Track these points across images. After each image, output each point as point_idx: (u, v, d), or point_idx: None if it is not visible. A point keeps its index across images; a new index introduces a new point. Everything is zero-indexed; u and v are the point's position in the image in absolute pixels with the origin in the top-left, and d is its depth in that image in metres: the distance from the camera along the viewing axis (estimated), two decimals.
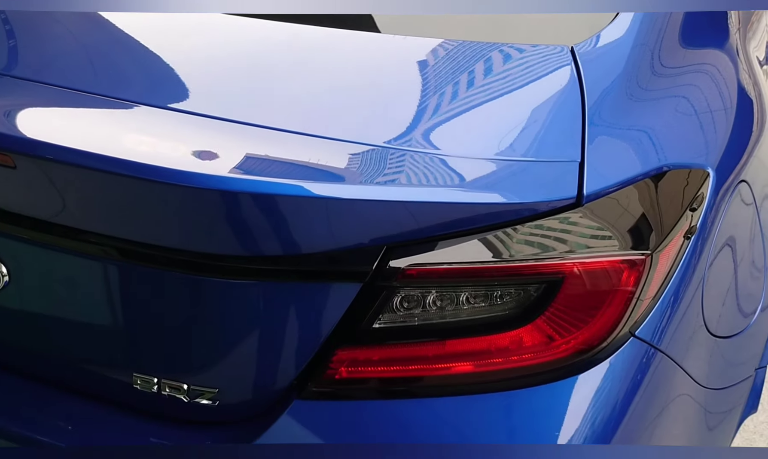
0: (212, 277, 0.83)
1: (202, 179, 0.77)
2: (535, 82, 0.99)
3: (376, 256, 0.82)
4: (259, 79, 1.03)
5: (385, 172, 0.85)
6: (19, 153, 0.78)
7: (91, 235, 0.84)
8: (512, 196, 0.84)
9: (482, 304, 0.86)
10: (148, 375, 0.89)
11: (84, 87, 0.92)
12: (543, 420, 0.89)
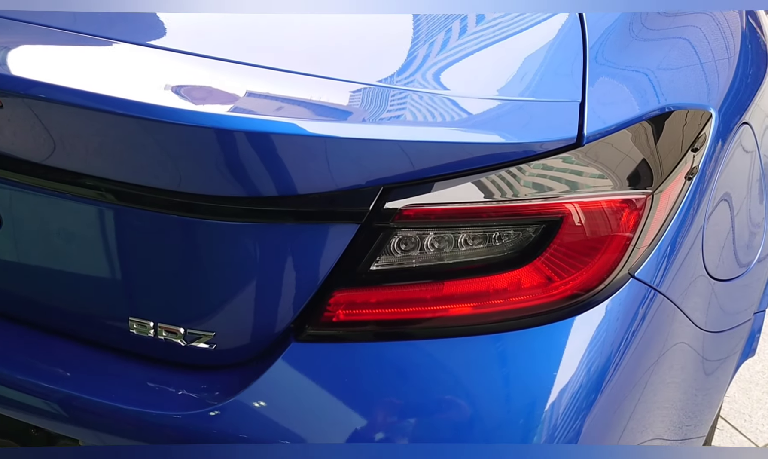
0: (207, 218, 0.82)
1: (196, 117, 0.75)
2: (538, 20, 0.96)
3: (372, 197, 0.80)
4: (256, 19, 1.01)
5: (383, 112, 0.83)
6: (8, 92, 0.75)
7: (84, 177, 0.82)
8: (512, 135, 0.83)
9: (480, 245, 0.85)
10: (144, 319, 0.89)
11: (75, 26, 0.89)
12: (540, 362, 0.89)
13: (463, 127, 0.83)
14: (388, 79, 0.86)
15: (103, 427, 0.91)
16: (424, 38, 0.95)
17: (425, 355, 0.87)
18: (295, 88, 0.85)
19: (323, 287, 0.85)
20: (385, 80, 0.86)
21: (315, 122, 0.79)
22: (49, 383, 0.91)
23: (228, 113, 0.77)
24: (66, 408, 0.91)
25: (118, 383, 0.91)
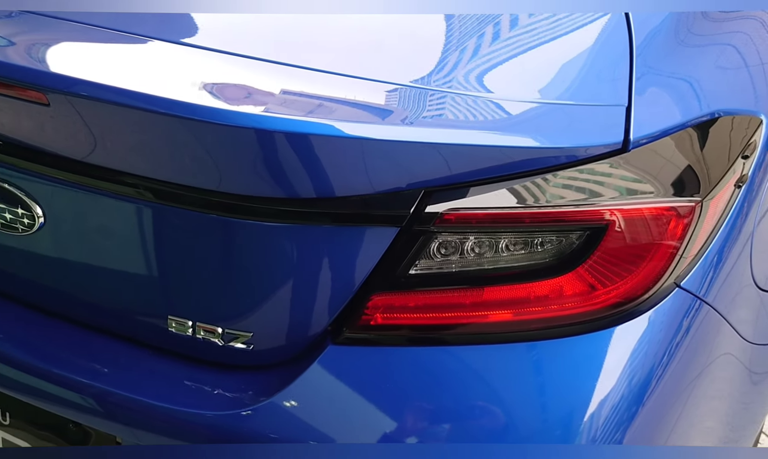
0: (247, 219, 0.81)
1: (237, 117, 0.75)
2: (582, 22, 0.95)
3: (413, 200, 0.79)
4: (295, 19, 1.01)
5: (424, 114, 0.82)
6: (54, 89, 0.76)
7: (125, 175, 0.83)
8: (556, 139, 0.81)
9: (522, 251, 0.84)
10: (182, 318, 0.89)
11: (120, 26, 0.90)
12: (581, 372, 0.87)
13: (506, 131, 0.82)
14: (430, 81, 0.85)
15: (140, 424, 0.92)
16: (463, 39, 0.94)
17: (463, 361, 0.85)
18: (335, 89, 0.85)
19: (361, 290, 0.85)
20: (426, 82, 0.85)
21: (356, 124, 0.78)
22: (88, 379, 0.92)
23: (269, 114, 0.76)
24: (103, 404, 0.92)
25: (156, 381, 0.92)
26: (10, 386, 0.96)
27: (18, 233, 0.92)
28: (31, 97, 0.78)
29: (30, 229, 0.90)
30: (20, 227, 0.91)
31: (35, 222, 0.90)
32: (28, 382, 0.94)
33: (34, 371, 0.94)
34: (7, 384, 0.96)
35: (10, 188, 0.89)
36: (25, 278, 0.99)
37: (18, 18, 0.95)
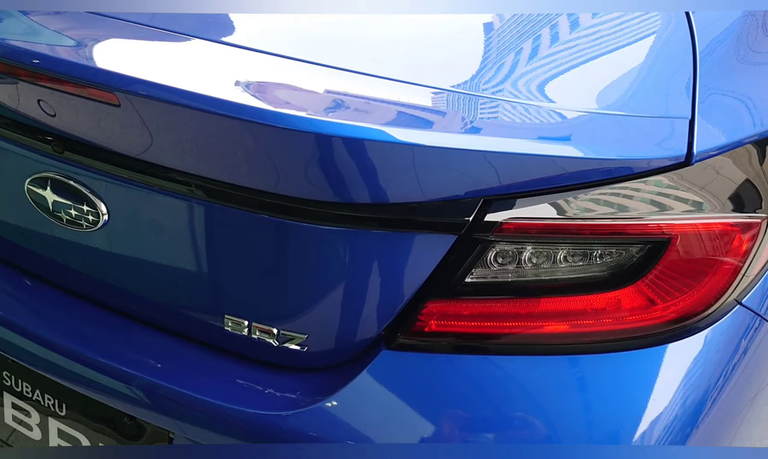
0: (306, 222, 0.82)
1: (299, 122, 0.75)
2: (646, 34, 0.94)
3: (472, 209, 0.80)
4: (354, 25, 1.02)
5: (487, 122, 0.82)
6: (124, 91, 0.78)
7: (188, 176, 0.84)
8: (618, 151, 0.80)
9: (580, 262, 0.83)
10: (239, 317, 0.90)
11: (186, 30, 0.93)
12: (635, 387, 0.86)
13: (568, 141, 0.81)
14: (495, 90, 0.85)
15: (193, 421, 0.93)
16: (533, 47, 0.94)
17: (516, 371, 0.85)
18: (394, 94, 0.85)
19: (417, 296, 0.85)
20: (491, 91, 0.85)
21: (416, 131, 0.79)
22: (144, 374, 0.94)
23: (331, 119, 0.77)
24: (158, 399, 0.94)
25: (211, 378, 0.93)
26: (68, 377, 0.99)
27: (82, 229, 0.94)
28: (103, 98, 0.80)
29: (94, 225, 0.93)
30: (84, 224, 0.93)
31: (99, 219, 0.92)
32: (86, 374, 0.97)
33: (92, 364, 0.96)
34: (65, 375, 0.99)
35: (76, 185, 0.92)
36: (86, 274, 1.01)
37: (72, 16, 0.99)
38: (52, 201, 0.94)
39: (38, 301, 1.05)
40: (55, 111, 0.87)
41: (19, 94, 0.89)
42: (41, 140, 0.91)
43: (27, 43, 0.88)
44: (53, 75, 0.82)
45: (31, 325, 1.01)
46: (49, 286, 1.06)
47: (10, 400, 1.11)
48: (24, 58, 0.83)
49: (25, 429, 1.12)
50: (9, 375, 1.10)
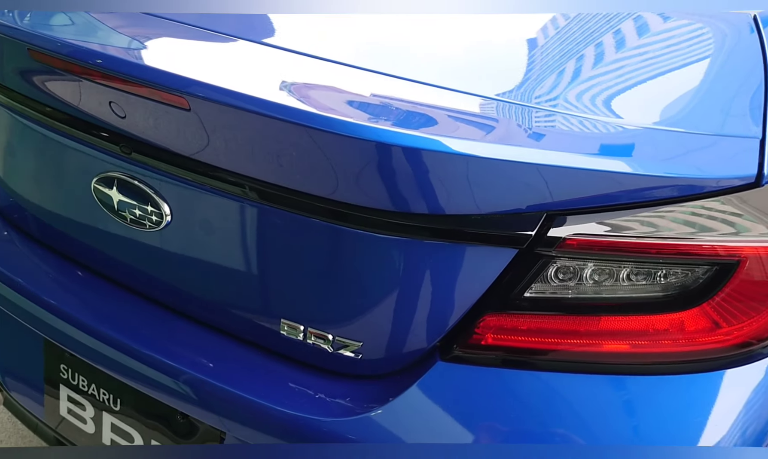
0: (365, 230, 0.83)
1: (367, 131, 0.76)
2: (715, 51, 0.92)
3: (534, 223, 0.79)
4: (417, 36, 1.03)
5: (550, 136, 0.82)
6: (195, 96, 0.80)
7: (249, 179, 0.85)
8: (686, 170, 0.79)
9: (644, 282, 0.82)
10: (295, 321, 0.91)
11: (254, 37, 0.94)
12: (695, 412, 0.84)
13: (634, 158, 0.80)
14: (562, 104, 0.85)
15: (246, 422, 0.94)
16: (602, 62, 0.93)
17: (574, 389, 0.84)
18: (461, 107, 0.85)
19: (474, 309, 0.84)
20: (558, 105, 0.84)
21: (480, 143, 0.78)
22: (199, 373, 0.95)
23: (396, 129, 0.77)
24: (211, 398, 0.95)
25: (263, 381, 0.94)
26: (124, 373, 1.01)
27: (145, 229, 0.96)
28: (174, 102, 0.82)
29: (157, 226, 0.95)
30: (148, 224, 0.96)
31: (162, 220, 0.94)
32: (141, 370, 0.98)
33: (148, 361, 0.98)
34: (121, 371, 1.01)
35: (141, 186, 0.94)
36: (146, 272, 1.03)
37: (133, 18, 1.02)
38: (118, 200, 0.96)
39: (98, 297, 1.07)
40: (126, 113, 0.89)
41: (91, 95, 0.91)
42: (110, 141, 0.94)
43: (101, 46, 0.90)
44: (127, 78, 0.84)
45: (89, 320, 1.03)
46: (110, 283, 1.08)
47: (66, 392, 1.14)
48: (99, 61, 0.86)
49: (79, 422, 1.15)
50: (66, 368, 1.13)
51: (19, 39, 0.93)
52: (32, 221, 1.16)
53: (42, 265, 1.13)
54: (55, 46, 0.89)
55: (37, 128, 1.05)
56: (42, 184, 1.11)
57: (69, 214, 1.08)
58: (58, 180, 1.08)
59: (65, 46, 0.89)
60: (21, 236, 1.18)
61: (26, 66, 0.97)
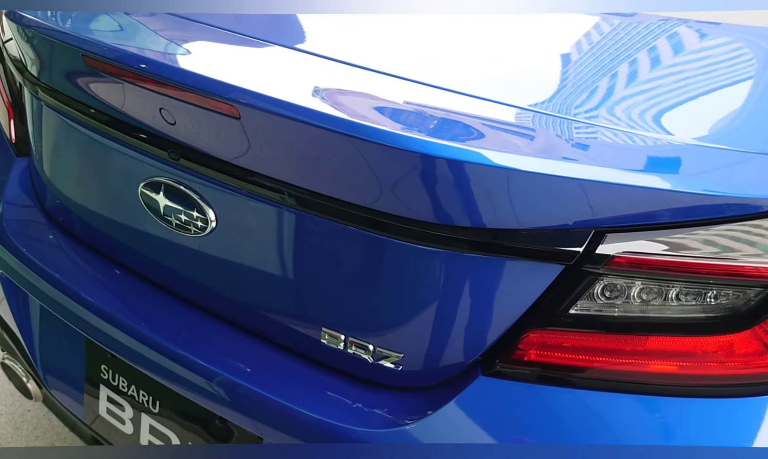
0: (410, 242, 0.83)
1: (419, 144, 0.76)
2: (759, 69, 0.91)
3: (582, 240, 0.78)
4: (452, 43, 1.03)
5: (600, 151, 0.81)
6: (246, 105, 0.81)
7: (295, 188, 0.86)
8: (738, 189, 0.77)
9: (693, 302, 0.80)
10: (336, 331, 0.91)
11: (292, 44, 0.95)
12: (743, 437, 0.82)
13: (686, 176, 0.79)
14: (610, 120, 0.84)
15: (281, 428, 0.94)
16: (652, 79, 0.92)
17: (619, 409, 0.82)
18: (502, 117, 0.85)
19: (518, 324, 0.84)
20: (607, 120, 0.84)
21: (527, 158, 0.78)
22: (238, 378, 0.95)
23: (445, 142, 0.77)
24: (249, 403, 0.95)
25: (302, 388, 0.94)
26: (164, 375, 1.02)
27: (190, 234, 0.98)
28: (225, 110, 0.83)
29: (202, 231, 0.96)
30: (193, 229, 0.97)
31: (207, 225, 0.95)
32: (181, 373, 0.99)
33: (188, 364, 0.99)
34: (161, 373, 1.02)
35: (188, 192, 0.95)
36: (190, 277, 1.05)
37: (175, 23, 1.04)
38: (164, 205, 0.98)
39: (140, 299, 1.09)
40: (176, 120, 0.90)
41: (142, 102, 0.93)
42: (158, 146, 0.95)
43: (154, 54, 0.92)
44: (179, 86, 0.85)
45: (131, 321, 1.05)
46: (152, 286, 1.10)
47: (106, 393, 1.16)
48: (152, 69, 0.87)
49: (117, 422, 1.16)
50: (107, 369, 1.15)
51: (74, 45, 0.95)
52: (78, 223, 1.18)
53: (86, 266, 1.15)
54: (110, 53, 0.91)
55: (86, 132, 1.07)
56: (89, 187, 1.13)
57: (115, 217, 1.10)
58: (106, 183, 1.10)
59: (120, 53, 0.90)
60: (66, 237, 1.20)
61: (79, 71, 0.99)
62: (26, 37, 1.07)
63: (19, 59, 1.16)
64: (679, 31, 1.10)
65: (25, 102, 1.22)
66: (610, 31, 1.12)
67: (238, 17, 1.10)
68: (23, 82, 1.16)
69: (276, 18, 1.13)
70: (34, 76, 1.12)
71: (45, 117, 1.16)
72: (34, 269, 1.14)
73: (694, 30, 1.11)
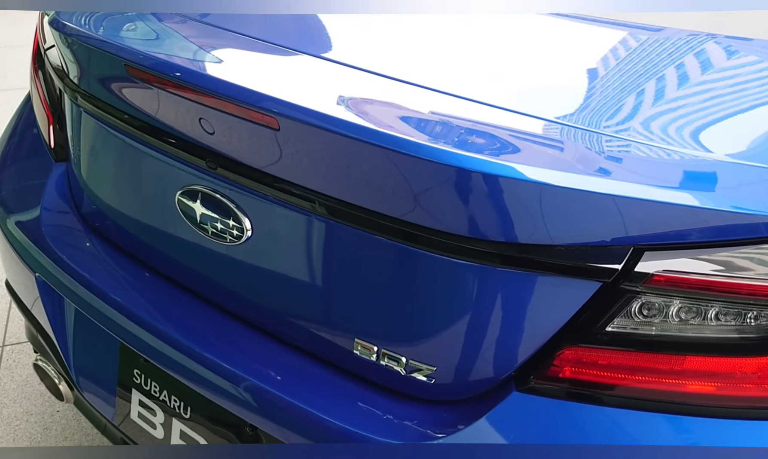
0: (446, 255, 0.83)
1: (457, 159, 0.76)
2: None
3: (621, 257, 0.77)
4: (483, 53, 1.03)
5: (639, 168, 0.80)
6: (287, 117, 0.82)
7: (330, 199, 0.87)
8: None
9: (733, 322, 0.79)
10: (369, 342, 0.91)
11: (335, 57, 0.96)
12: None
13: (726, 194, 0.78)
14: (651, 136, 0.83)
15: (311, 437, 0.94)
16: (695, 95, 0.91)
17: (654, 429, 0.81)
18: (547, 136, 0.85)
19: (553, 340, 0.83)
20: (647, 137, 0.83)
21: (566, 173, 0.77)
22: (269, 386, 0.96)
23: (485, 157, 0.77)
24: (280, 412, 0.96)
25: (333, 399, 0.95)
26: (196, 381, 1.03)
27: (225, 243, 0.99)
28: (265, 122, 0.84)
29: (237, 240, 0.97)
30: (228, 237, 0.98)
31: (243, 234, 0.96)
32: (213, 380, 1.00)
33: (220, 371, 1.00)
34: (194, 379, 1.03)
35: (225, 201, 0.96)
36: (224, 285, 1.06)
37: (211, 33, 1.05)
38: (200, 213, 0.99)
39: (174, 306, 1.10)
40: (215, 129, 0.92)
41: (182, 111, 0.95)
42: (197, 155, 0.96)
43: (195, 64, 0.93)
44: (219, 96, 0.86)
45: (165, 327, 1.06)
46: (187, 293, 1.11)
47: (138, 397, 1.17)
48: (193, 79, 0.89)
49: (148, 426, 1.18)
50: (140, 373, 1.16)
51: (117, 54, 0.97)
52: (114, 228, 1.20)
53: (121, 271, 1.17)
54: (152, 63, 0.93)
55: (125, 139, 1.09)
56: (126, 193, 1.15)
57: (151, 223, 1.12)
58: (143, 190, 1.11)
59: (162, 63, 0.92)
60: (102, 242, 1.22)
61: (120, 79, 1.01)
62: (68, 45, 1.09)
63: (60, 66, 1.19)
64: (708, 48, 1.09)
65: (65, 108, 1.24)
66: (638, 46, 1.12)
67: (267, 26, 1.12)
68: (63, 89, 1.19)
69: (303, 26, 1.15)
70: (74, 82, 1.14)
71: (84, 123, 1.18)
72: (70, 273, 1.16)
73: (723, 46, 1.10)
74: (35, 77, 1.40)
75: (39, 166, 1.34)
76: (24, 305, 1.36)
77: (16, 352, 2.01)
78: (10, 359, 1.98)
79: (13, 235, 1.27)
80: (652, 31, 1.15)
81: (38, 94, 1.37)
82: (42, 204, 1.27)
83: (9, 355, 2.00)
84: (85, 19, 1.11)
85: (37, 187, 1.30)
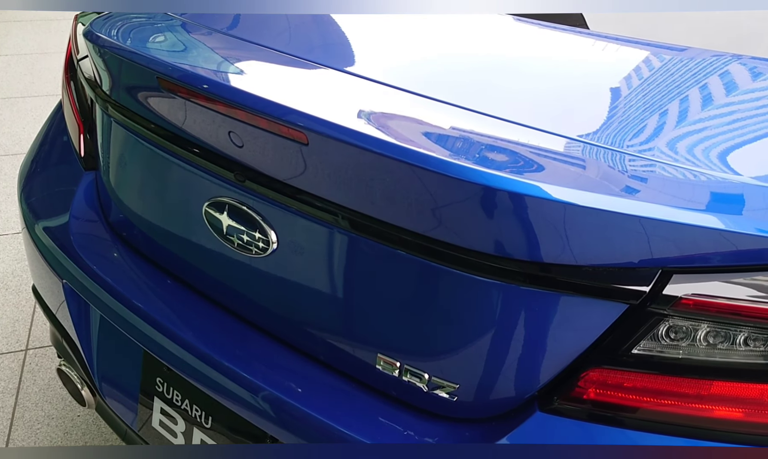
0: (471, 273, 0.83)
1: (486, 178, 0.76)
2: None
3: (649, 279, 0.77)
4: (505, 68, 1.03)
5: (669, 190, 0.80)
6: (316, 132, 0.83)
7: (356, 214, 0.87)
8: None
9: (762, 347, 0.78)
10: (392, 357, 0.92)
11: (369, 75, 0.97)
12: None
13: (756, 217, 0.77)
14: (680, 158, 0.83)
15: None
16: (722, 117, 0.90)
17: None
18: (574, 154, 0.85)
19: (578, 361, 0.83)
20: (677, 159, 0.83)
21: (594, 194, 0.77)
22: (290, 398, 0.96)
23: (508, 175, 0.77)
24: (301, 425, 0.96)
25: (354, 413, 0.95)
26: (218, 391, 1.03)
27: (251, 254, 0.99)
28: (294, 136, 0.85)
29: (263, 252, 0.98)
30: (254, 250, 0.99)
31: (269, 247, 0.97)
32: (235, 390, 1.01)
33: (242, 382, 1.00)
34: (216, 388, 1.03)
35: (251, 213, 0.97)
36: (248, 296, 1.06)
37: (240, 46, 1.06)
38: (227, 225, 1.00)
39: (199, 316, 1.11)
40: (244, 142, 0.93)
41: (212, 124, 0.96)
42: (225, 168, 0.98)
43: (225, 78, 0.95)
44: (250, 111, 0.87)
45: (189, 337, 1.07)
46: (212, 303, 1.12)
47: (160, 405, 1.18)
48: (224, 93, 0.90)
49: (169, 434, 1.18)
50: (162, 381, 1.17)
51: (149, 66, 0.99)
52: (141, 238, 1.22)
53: (147, 280, 1.18)
54: (184, 76, 0.94)
55: (155, 150, 1.10)
56: (154, 204, 1.17)
57: (177, 233, 1.13)
58: (170, 201, 1.13)
59: (193, 76, 0.93)
60: (129, 251, 1.24)
61: (152, 91, 1.02)
62: (101, 56, 1.11)
63: (92, 76, 1.21)
64: (733, 69, 1.09)
65: (96, 118, 1.26)
66: (661, 66, 1.11)
67: (293, 39, 1.13)
68: (95, 98, 1.21)
69: (329, 40, 1.16)
70: (106, 93, 1.16)
71: (114, 133, 1.20)
72: (97, 281, 1.18)
73: (749, 67, 1.10)
74: (67, 86, 1.43)
75: (68, 174, 1.36)
76: (50, 310, 1.38)
77: (39, 356, 2.03)
78: (33, 363, 2.01)
79: (41, 241, 1.29)
80: (677, 51, 1.14)
81: (69, 102, 1.40)
82: (71, 212, 1.29)
83: (32, 359, 2.02)
84: (117, 31, 1.13)
85: (66, 195, 1.32)
